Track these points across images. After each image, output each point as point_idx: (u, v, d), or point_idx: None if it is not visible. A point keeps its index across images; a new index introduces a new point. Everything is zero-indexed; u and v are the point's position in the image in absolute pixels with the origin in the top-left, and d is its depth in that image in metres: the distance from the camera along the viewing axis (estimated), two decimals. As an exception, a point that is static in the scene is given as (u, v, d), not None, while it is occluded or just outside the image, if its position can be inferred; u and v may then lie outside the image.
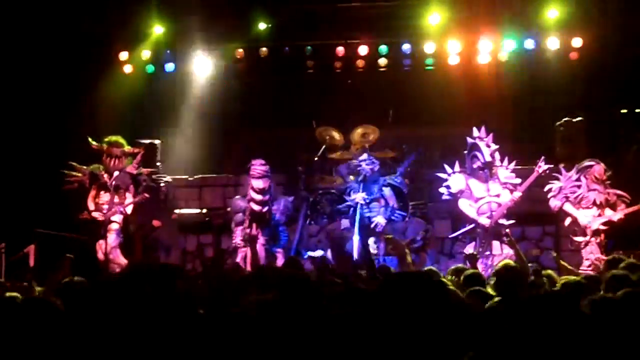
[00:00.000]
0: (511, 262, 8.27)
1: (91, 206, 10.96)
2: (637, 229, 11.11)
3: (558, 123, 13.11)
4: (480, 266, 10.48)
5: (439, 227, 12.82)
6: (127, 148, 11.12)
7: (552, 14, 12.84)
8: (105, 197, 10.92)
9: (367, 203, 11.53)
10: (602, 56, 12.71)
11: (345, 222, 11.73)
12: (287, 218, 11.64)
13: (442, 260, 12.24)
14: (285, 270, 7.01)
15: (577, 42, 12.99)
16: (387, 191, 11.68)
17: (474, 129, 11.09)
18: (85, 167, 11.01)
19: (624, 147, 12.72)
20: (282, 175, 13.10)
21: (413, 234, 12.00)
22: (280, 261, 11.30)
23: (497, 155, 11.08)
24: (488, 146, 11.00)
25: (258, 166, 10.93)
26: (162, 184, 11.98)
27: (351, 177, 12.17)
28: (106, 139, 11.01)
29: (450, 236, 12.02)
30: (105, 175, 10.90)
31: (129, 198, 11.01)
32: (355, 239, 11.40)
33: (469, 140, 11.15)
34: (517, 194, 10.74)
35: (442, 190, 11.16)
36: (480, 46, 13.04)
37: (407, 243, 11.56)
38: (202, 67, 13.40)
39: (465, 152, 11.18)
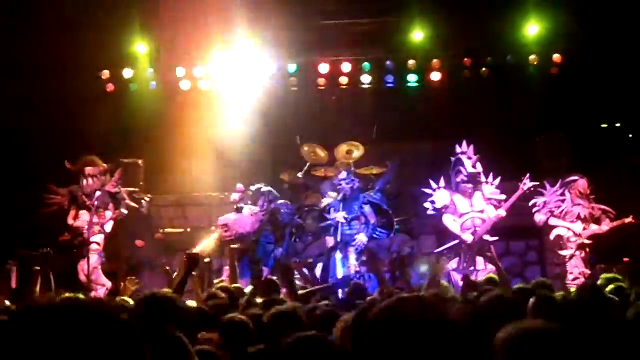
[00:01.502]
0: (494, 276, 8.11)
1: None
2: (619, 243, 11.00)
3: (539, 138, 12.99)
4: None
5: (424, 242, 12.64)
6: (103, 166, 10.85)
7: (532, 30, 12.69)
8: (85, 216, 10.66)
9: (348, 222, 11.34)
10: (582, 72, 12.62)
11: (330, 240, 11.50)
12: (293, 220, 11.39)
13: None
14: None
15: (557, 58, 12.88)
16: (367, 209, 11.57)
17: (457, 146, 10.96)
18: (63, 188, 10.72)
19: (605, 162, 12.55)
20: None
21: (398, 249, 11.74)
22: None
23: (479, 166, 10.93)
24: (469, 158, 10.89)
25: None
26: (142, 202, 11.66)
27: (332, 195, 11.96)
28: (81, 159, 10.75)
29: (435, 252, 11.83)
30: (83, 196, 10.62)
31: (109, 217, 10.75)
32: (338, 257, 11.24)
33: (453, 158, 11.03)
34: (502, 212, 10.60)
35: (427, 205, 11.10)
36: (463, 62, 12.85)
37: (390, 260, 11.37)
38: (186, 85, 13.11)
39: (450, 171, 11.05)
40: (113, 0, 11.97)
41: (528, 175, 10.81)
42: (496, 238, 10.92)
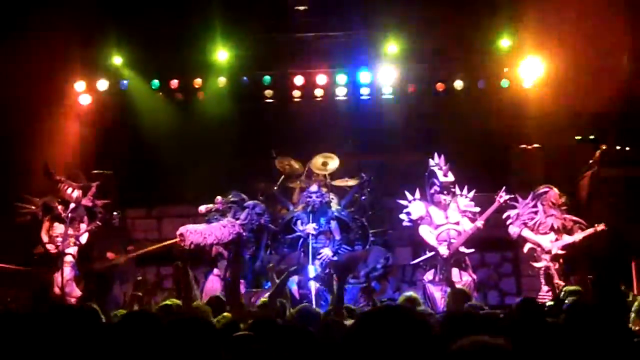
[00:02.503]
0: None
1: (45, 238, 10.66)
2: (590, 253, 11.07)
3: (514, 150, 13.07)
4: (439, 293, 10.40)
5: (400, 254, 12.68)
6: (84, 181, 10.81)
7: (505, 42, 12.77)
8: (59, 228, 10.66)
9: (315, 235, 11.42)
10: (557, 84, 12.70)
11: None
12: (253, 227, 11.24)
13: (404, 288, 12.10)
14: None
15: (531, 70, 12.91)
16: (333, 224, 11.65)
17: (430, 160, 10.99)
18: (38, 199, 10.64)
19: (578, 174, 12.65)
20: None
21: (374, 262, 11.77)
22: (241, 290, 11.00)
23: (451, 175, 10.97)
24: (441, 169, 10.94)
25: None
26: (115, 214, 11.62)
27: (300, 207, 12.01)
28: (68, 173, 10.72)
29: (410, 263, 11.87)
30: (60, 207, 10.55)
31: (84, 229, 10.70)
32: (311, 268, 11.24)
33: (427, 173, 11.07)
34: (480, 223, 10.61)
35: (403, 216, 11.13)
36: (437, 74, 12.90)
37: (366, 272, 11.41)
38: (161, 97, 13.07)
39: (425, 184, 11.08)
40: (90, 11, 11.85)
41: (504, 188, 10.84)
42: (472, 250, 10.93)
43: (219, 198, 11.51)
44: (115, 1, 12.14)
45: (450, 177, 11.04)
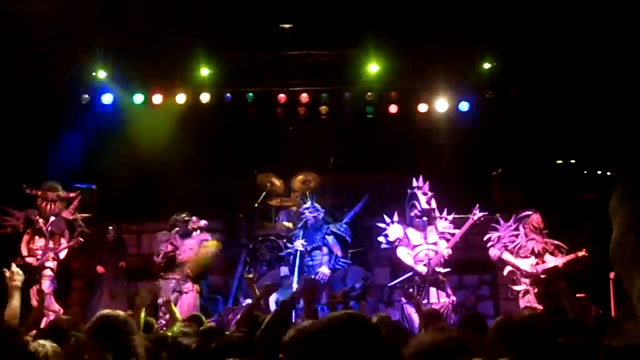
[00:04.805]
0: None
1: (24, 251, 10.79)
2: (572, 278, 11.24)
3: (495, 172, 13.27)
4: (417, 314, 10.53)
5: (378, 274, 12.84)
6: (63, 192, 10.94)
7: (488, 65, 13.04)
8: (39, 242, 10.83)
9: (308, 251, 11.46)
10: (538, 107, 12.94)
11: (284, 270, 11.65)
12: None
13: (381, 308, 12.24)
14: None
15: (513, 92, 13.21)
16: (330, 240, 11.66)
17: (413, 179, 11.19)
18: (19, 211, 10.78)
19: (559, 198, 12.87)
20: (222, 222, 13.05)
21: (352, 281, 11.96)
22: (220, 308, 11.20)
23: (433, 203, 11.15)
24: (425, 194, 11.10)
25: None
26: (110, 228, 11.86)
27: (290, 225, 12.11)
28: (42, 184, 10.85)
29: (389, 284, 12.02)
30: (40, 220, 10.71)
31: (64, 243, 10.85)
32: (295, 286, 11.33)
33: (409, 191, 11.24)
34: (447, 251, 10.77)
35: (381, 239, 11.23)
36: (419, 96, 13.13)
37: (344, 292, 11.54)
38: (143, 111, 13.24)
39: (405, 204, 11.25)
40: (71, 26, 12.03)
41: (477, 205, 11.02)
42: (448, 269, 11.11)
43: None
44: (99, 14, 12.32)
45: (433, 205, 11.23)
